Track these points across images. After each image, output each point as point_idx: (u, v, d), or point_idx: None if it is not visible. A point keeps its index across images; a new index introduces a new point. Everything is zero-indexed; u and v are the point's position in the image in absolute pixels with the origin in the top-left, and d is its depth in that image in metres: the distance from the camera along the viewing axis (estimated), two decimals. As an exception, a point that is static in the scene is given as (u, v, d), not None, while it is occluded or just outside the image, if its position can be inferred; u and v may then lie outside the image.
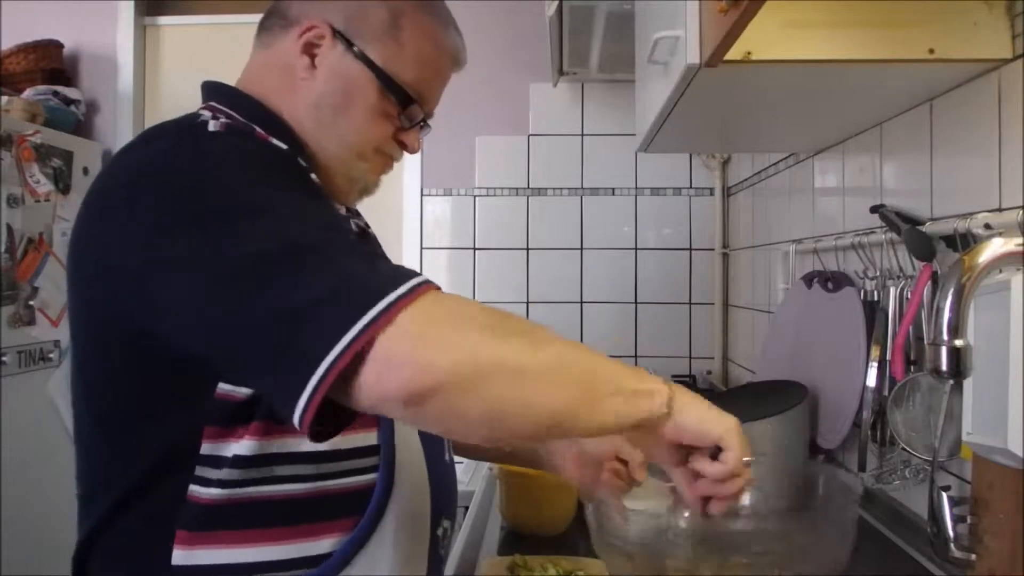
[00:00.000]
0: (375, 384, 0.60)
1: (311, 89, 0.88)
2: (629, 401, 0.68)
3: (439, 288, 0.66)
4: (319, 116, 0.88)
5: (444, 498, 0.91)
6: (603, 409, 0.67)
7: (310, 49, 0.87)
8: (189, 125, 0.79)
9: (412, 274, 0.65)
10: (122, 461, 0.79)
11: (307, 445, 0.77)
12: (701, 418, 0.71)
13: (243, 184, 0.71)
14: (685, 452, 0.75)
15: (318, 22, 0.87)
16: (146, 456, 0.77)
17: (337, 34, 0.87)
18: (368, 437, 0.83)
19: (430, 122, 0.98)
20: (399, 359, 0.60)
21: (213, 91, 0.90)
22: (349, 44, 0.87)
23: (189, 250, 0.67)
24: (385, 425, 0.84)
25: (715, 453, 0.73)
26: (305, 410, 0.60)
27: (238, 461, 0.76)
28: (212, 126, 0.78)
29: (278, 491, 0.78)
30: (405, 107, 0.91)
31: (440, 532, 0.91)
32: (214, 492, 0.76)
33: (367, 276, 0.64)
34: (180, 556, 0.75)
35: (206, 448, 0.76)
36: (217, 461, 0.76)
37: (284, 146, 0.81)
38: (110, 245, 0.73)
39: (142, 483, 0.77)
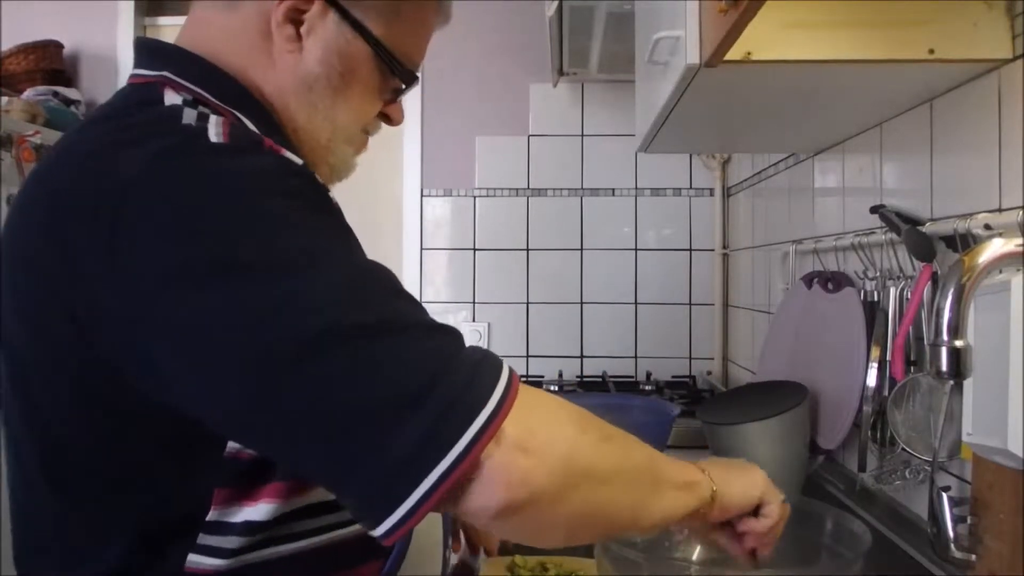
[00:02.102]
0: (467, 499, 0.55)
1: (299, 66, 0.74)
2: (681, 495, 0.70)
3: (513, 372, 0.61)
4: (312, 100, 0.75)
5: (448, 519, 0.92)
6: (662, 507, 0.68)
7: (294, 15, 0.72)
8: (184, 134, 0.62)
9: (496, 361, 0.59)
10: (95, 538, 0.65)
11: (328, 495, 0.66)
12: (743, 491, 0.75)
13: (280, 228, 0.57)
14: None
15: None
16: (129, 531, 0.64)
17: (330, 2, 0.73)
18: None
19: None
20: (499, 476, 0.55)
21: (163, 56, 0.73)
22: (344, 13, 0.73)
23: (217, 312, 0.54)
24: None
25: (756, 510, 0.78)
26: (398, 525, 0.53)
27: (251, 528, 0.64)
28: (213, 135, 0.61)
29: (296, 548, 0.67)
30: (407, 83, 0.80)
31: (448, 553, 0.92)
32: (220, 562, 0.64)
33: (459, 368, 0.56)
34: None
35: (211, 515, 0.64)
36: (224, 528, 0.64)
37: (299, 160, 0.66)
38: (98, 280, 0.58)
39: (126, 563, 0.64)
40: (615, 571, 0.81)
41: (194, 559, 0.63)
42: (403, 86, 0.80)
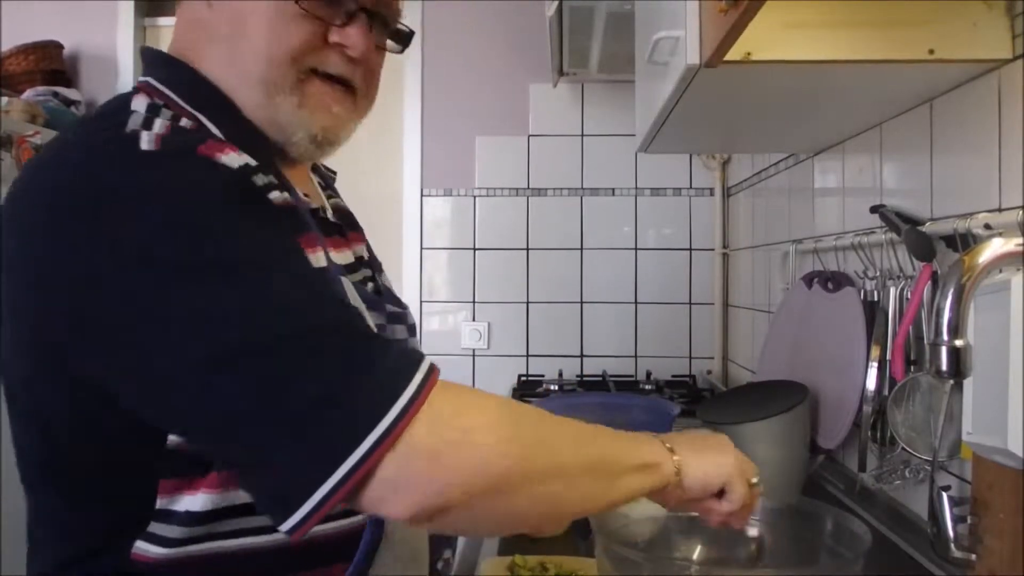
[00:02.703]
0: (378, 503, 0.56)
1: (208, 26, 0.71)
2: (641, 477, 0.69)
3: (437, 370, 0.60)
4: (221, 56, 0.70)
5: None
6: (618, 490, 0.68)
7: None
8: (117, 139, 0.62)
9: (407, 368, 0.57)
10: (55, 530, 0.70)
11: None
12: (705, 475, 0.74)
13: (193, 237, 0.57)
14: None
15: None
16: (81, 522, 0.68)
17: None
18: None
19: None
20: (408, 485, 0.55)
21: (151, 63, 0.74)
22: None
23: (134, 332, 0.57)
24: None
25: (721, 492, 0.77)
26: (299, 525, 0.54)
27: (193, 518, 0.65)
28: (145, 143, 0.60)
29: (244, 545, 0.67)
30: None
31: (440, 564, 0.90)
32: (164, 551, 0.65)
33: (364, 376, 0.56)
34: None
35: (158, 503, 0.65)
36: (168, 516, 0.65)
37: (236, 164, 0.63)
38: (21, 280, 0.62)
39: (77, 552, 0.68)
40: (615, 571, 0.81)
41: (141, 546, 0.65)
42: (344, 2, 0.72)
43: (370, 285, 0.85)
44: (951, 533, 0.86)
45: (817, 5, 0.95)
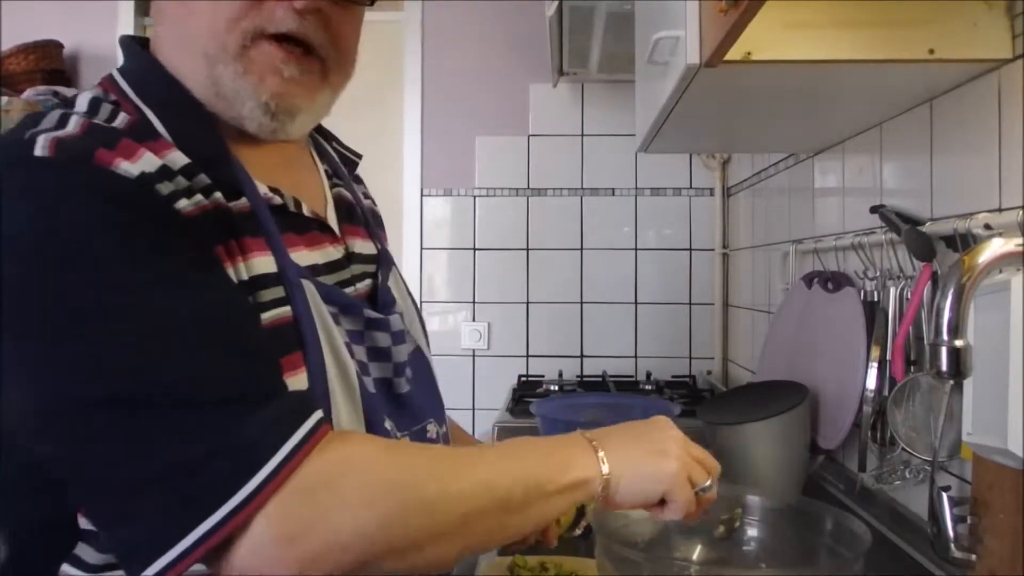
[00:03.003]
0: (241, 570, 0.54)
1: (163, 12, 0.71)
2: (556, 500, 0.66)
3: (327, 424, 0.58)
4: (167, 33, 0.70)
5: None
6: (526, 519, 0.66)
7: None
8: (13, 156, 0.59)
9: (284, 428, 0.54)
10: None
11: None
12: (642, 490, 0.70)
13: (64, 279, 0.55)
14: None
15: None
16: (16, 535, 0.66)
17: None
18: None
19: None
20: (257, 566, 0.53)
21: (125, 53, 0.73)
22: None
23: (14, 357, 0.56)
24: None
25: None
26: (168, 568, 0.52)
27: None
28: (39, 147, 0.58)
29: None
30: None
31: None
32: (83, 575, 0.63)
33: (221, 447, 0.53)
34: None
35: (81, 522, 0.63)
36: (89, 537, 0.63)
37: (135, 172, 0.59)
38: None
39: (10, 567, 0.66)
40: (615, 571, 0.81)
41: (66, 569, 0.63)
42: None
43: (365, 283, 0.81)
44: (951, 533, 0.86)
45: (817, 5, 0.95)
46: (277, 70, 0.69)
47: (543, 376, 2.54)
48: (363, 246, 0.84)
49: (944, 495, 0.86)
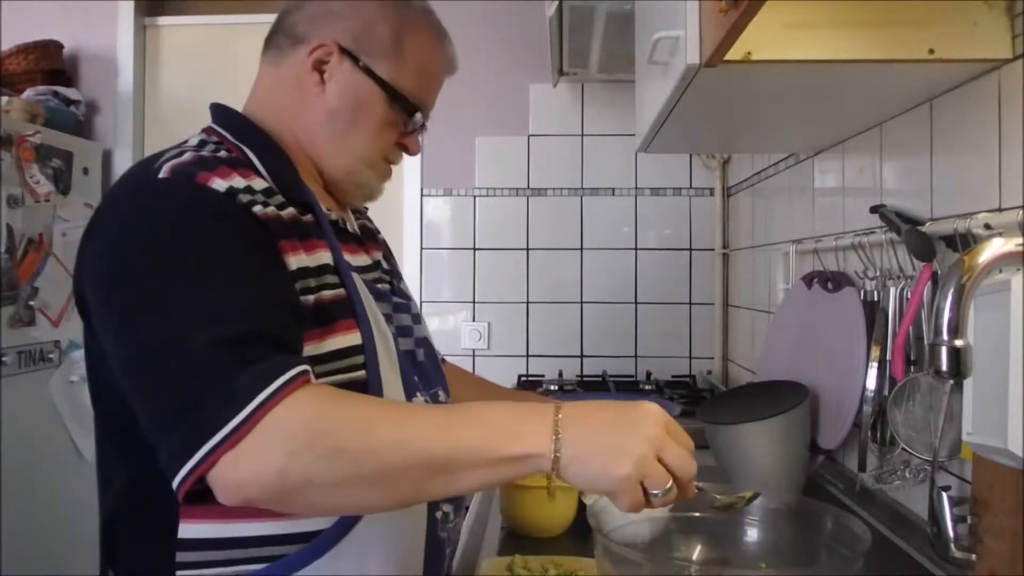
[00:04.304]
0: (216, 489, 0.70)
1: (322, 105, 0.94)
2: (499, 469, 0.70)
3: (306, 380, 0.72)
4: (331, 131, 0.96)
5: None
6: (457, 481, 0.71)
7: (319, 66, 0.94)
8: (143, 177, 0.83)
9: (246, 392, 0.69)
10: (127, 446, 0.84)
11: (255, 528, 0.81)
12: (589, 480, 0.70)
13: (156, 265, 0.77)
14: None
15: (327, 40, 0.93)
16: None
17: (344, 52, 0.93)
18: None
19: (428, 124, 1.04)
20: (222, 485, 0.69)
21: (216, 113, 0.97)
22: (356, 60, 0.94)
23: (109, 315, 0.79)
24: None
25: None
26: (179, 486, 0.70)
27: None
28: (163, 172, 0.81)
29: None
30: (411, 115, 0.98)
31: (439, 515, 0.92)
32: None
33: (218, 389, 0.69)
34: (181, 530, 0.80)
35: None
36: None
37: (222, 188, 0.81)
38: (79, 271, 0.85)
39: (148, 462, 0.79)
40: (615, 571, 0.81)
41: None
42: (410, 119, 0.98)
43: (386, 285, 1.02)
44: (951, 533, 0.86)
45: (817, 5, 0.95)
46: (385, 180, 1.02)
47: (543, 376, 2.54)
48: (378, 256, 1.05)
49: (944, 495, 0.86)
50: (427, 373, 1.01)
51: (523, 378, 2.52)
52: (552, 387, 2.30)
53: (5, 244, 2.23)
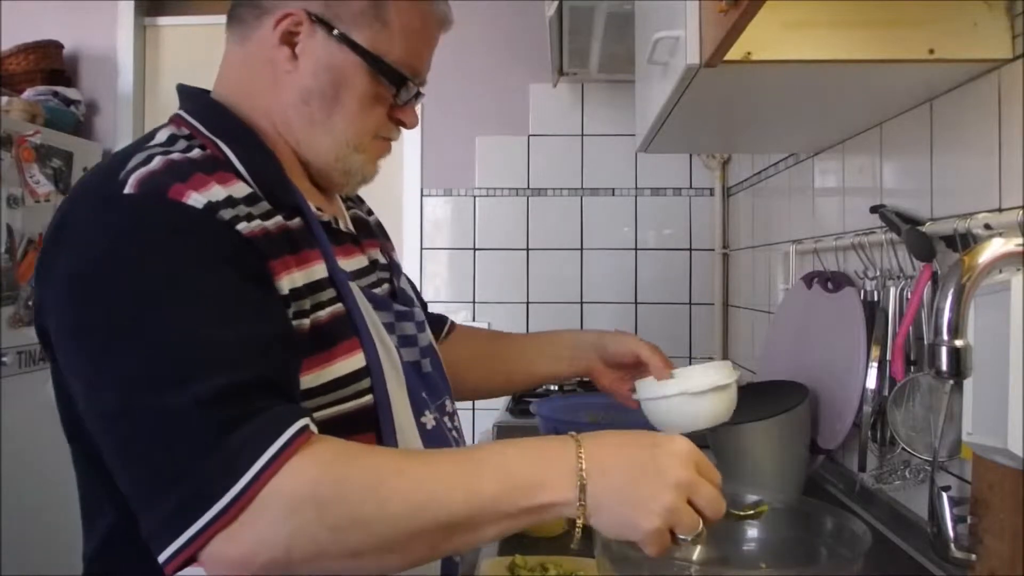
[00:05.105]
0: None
1: (296, 84, 0.83)
2: (521, 519, 0.66)
3: (307, 437, 0.65)
4: (309, 112, 0.83)
5: None
6: (477, 536, 0.67)
7: (289, 39, 0.82)
8: (107, 192, 0.71)
9: (242, 463, 0.62)
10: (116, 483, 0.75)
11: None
12: (616, 531, 0.68)
13: (128, 302, 0.67)
14: None
15: (293, 9, 0.81)
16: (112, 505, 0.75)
17: (316, 20, 0.81)
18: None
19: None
20: (220, 559, 0.62)
21: (184, 98, 0.86)
22: (330, 29, 0.81)
23: (77, 361, 0.69)
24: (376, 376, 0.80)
25: None
26: (167, 562, 0.63)
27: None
28: (129, 186, 0.70)
29: None
30: (400, 87, 0.85)
31: None
32: None
33: (206, 458, 0.62)
34: None
35: None
36: None
37: (200, 204, 0.70)
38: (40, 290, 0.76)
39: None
40: (615, 571, 0.81)
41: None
42: (401, 89, 0.85)
43: (385, 287, 0.94)
44: (951, 533, 0.86)
45: (817, 5, 0.95)
46: (379, 159, 0.90)
47: (543, 376, 2.53)
48: (376, 254, 0.97)
49: (944, 495, 0.86)
50: (434, 383, 0.93)
51: (523, 378, 2.52)
52: (552, 387, 2.30)
53: (5, 244, 2.23)
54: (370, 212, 1.08)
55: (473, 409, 2.65)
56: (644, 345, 1.07)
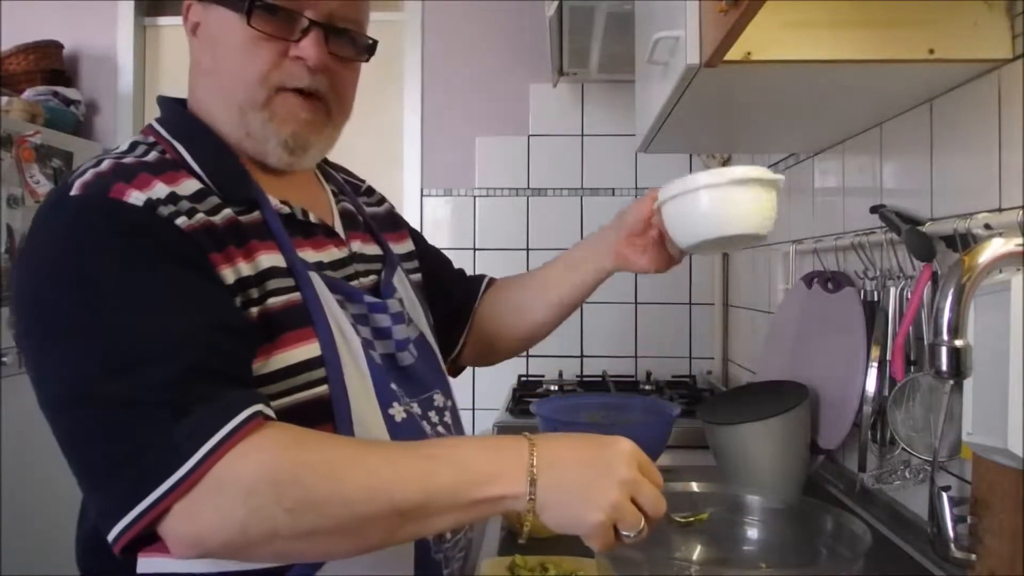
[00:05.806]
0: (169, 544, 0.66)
1: (195, 66, 0.87)
2: (472, 510, 0.69)
3: (261, 422, 0.67)
4: (207, 85, 0.86)
5: None
6: (429, 525, 0.69)
7: (195, 30, 0.87)
8: (56, 196, 0.76)
9: (192, 444, 0.64)
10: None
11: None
12: (561, 525, 0.70)
13: (71, 297, 0.70)
14: None
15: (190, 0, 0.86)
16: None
17: None
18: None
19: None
20: (172, 541, 0.65)
21: (159, 107, 0.91)
22: None
23: (29, 360, 0.73)
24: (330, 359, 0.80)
25: None
26: (114, 543, 0.66)
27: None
28: (76, 187, 0.74)
29: None
30: (275, 17, 0.81)
31: (432, 538, 0.89)
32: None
33: (154, 444, 0.65)
34: (141, 564, 0.76)
35: None
36: None
37: (140, 202, 0.72)
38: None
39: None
40: (615, 571, 0.81)
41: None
42: (285, 23, 0.82)
43: (371, 277, 0.94)
44: (951, 533, 0.86)
45: (817, 5, 0.95)
46: (295, 115, 0.85)
47: (543, 376, 2.53)
48: (367, 248, 0.97)
49: (944, 495, 0.86)
50: (416, 378, 0.92)
51: (523, 378, 2.52)
52: (552, 387, 2.30)
53: (5, 244, 2.23)
54: (381, 202, 1.09)
55: (473, 409, 2.65)
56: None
